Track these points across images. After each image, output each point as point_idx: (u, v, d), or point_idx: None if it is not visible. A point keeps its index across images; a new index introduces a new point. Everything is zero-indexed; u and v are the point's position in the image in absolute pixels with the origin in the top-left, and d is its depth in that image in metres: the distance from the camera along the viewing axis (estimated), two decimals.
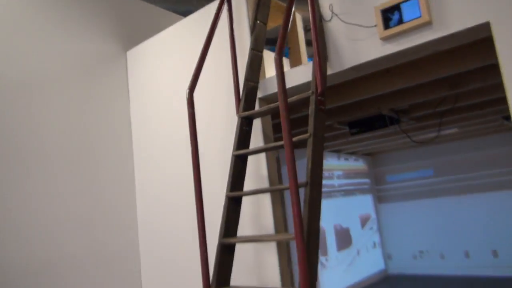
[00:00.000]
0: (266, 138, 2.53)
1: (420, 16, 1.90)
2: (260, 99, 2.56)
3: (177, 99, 3.05)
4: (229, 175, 2.21)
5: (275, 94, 2.52)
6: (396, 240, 6.73)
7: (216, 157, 2.65)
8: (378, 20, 2.02)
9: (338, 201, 5.93)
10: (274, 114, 2.67)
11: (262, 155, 2.50)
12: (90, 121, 3.10)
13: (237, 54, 2.57)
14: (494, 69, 2.72)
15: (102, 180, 3.09)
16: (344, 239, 6.00)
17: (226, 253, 2.06)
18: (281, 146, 1.97)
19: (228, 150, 2.51)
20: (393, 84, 2.71)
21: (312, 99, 2.02)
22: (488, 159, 6.20)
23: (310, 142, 1.93)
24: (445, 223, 6.49)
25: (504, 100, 3.59)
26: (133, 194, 3.29)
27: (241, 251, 2.45)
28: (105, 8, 3.45)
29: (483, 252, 6.09)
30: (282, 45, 1.81)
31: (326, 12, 2.25)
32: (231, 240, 2.04)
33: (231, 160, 2.24)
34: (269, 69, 3.29)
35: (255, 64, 2.54)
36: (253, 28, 2.62)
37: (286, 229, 2.49)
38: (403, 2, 1.94)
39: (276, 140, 2.96)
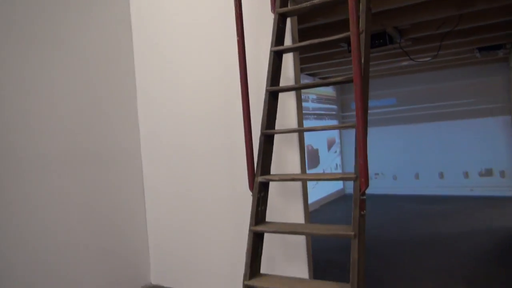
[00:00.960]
0: (293, 40, 2.51)
1: None
2: None
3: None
4: (268, 71, 2.21)
5: None
6: (351, 163, 7.22)
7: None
8: None
9: (311, 123, 6.17)
10: (301, 16, 2.65)
11: (289, 57, 2.50)
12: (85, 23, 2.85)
13: None
14: None
15: (100, 82, 2.93)
16: (313, 159, 6.35)
17: (268, 143, 2.14)
18: (344, 39, 1.99)
19: (260, 46, 2.49)
20: None
21: None
22: (445, 91, 6.69)
23: (362, 37, 1.96)
24: (400, 149, 7.07)
25: (488, 28, 3.82)
26: (134, 96, 3.18)
27: None
28: None
29: (431, 174, 6.82)
30: None
31: None
32: (273, 131, 2.10)
33: (270, 57, 2.23)
34: None
35: None
36: None
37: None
38: None
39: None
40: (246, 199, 2.44)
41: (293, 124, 2.50)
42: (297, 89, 2.19)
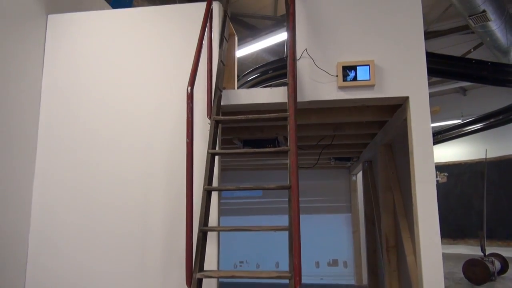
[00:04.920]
0: (218, 142, 2.80)
1: (369, 79, 2.67)
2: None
3: (102, 80, 3.01)
4: (206, 169, 2.41)
5: (231, 106, 2.84)
6: (221, 251, 7.44)
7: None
8: (339, 73, 2.70)
9: None
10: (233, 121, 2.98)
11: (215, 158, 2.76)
12: None
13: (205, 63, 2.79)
14: (362, 124, 3.80)
15: None
16: None
17: (204, 239, 2.25)
18: (281, 151, 2.34)
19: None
20: (308, 118, 3.42)
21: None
22: (303, 189, 7.73)
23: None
24: (263, 238, 7.63)
25: (349, 145, 4.86)
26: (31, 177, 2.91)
27: None
28: None
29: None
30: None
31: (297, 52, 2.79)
32: (213, 228, 2.25)
33: (207, 158, 2.45)
34: None
35: (221, 75, 2.82)
36: (221, 43, 2.91)
37: None
38: (359, 65, 2.68)
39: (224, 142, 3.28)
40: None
41: (214, 221, 2.68)
42: (232, 190, 2.43)
